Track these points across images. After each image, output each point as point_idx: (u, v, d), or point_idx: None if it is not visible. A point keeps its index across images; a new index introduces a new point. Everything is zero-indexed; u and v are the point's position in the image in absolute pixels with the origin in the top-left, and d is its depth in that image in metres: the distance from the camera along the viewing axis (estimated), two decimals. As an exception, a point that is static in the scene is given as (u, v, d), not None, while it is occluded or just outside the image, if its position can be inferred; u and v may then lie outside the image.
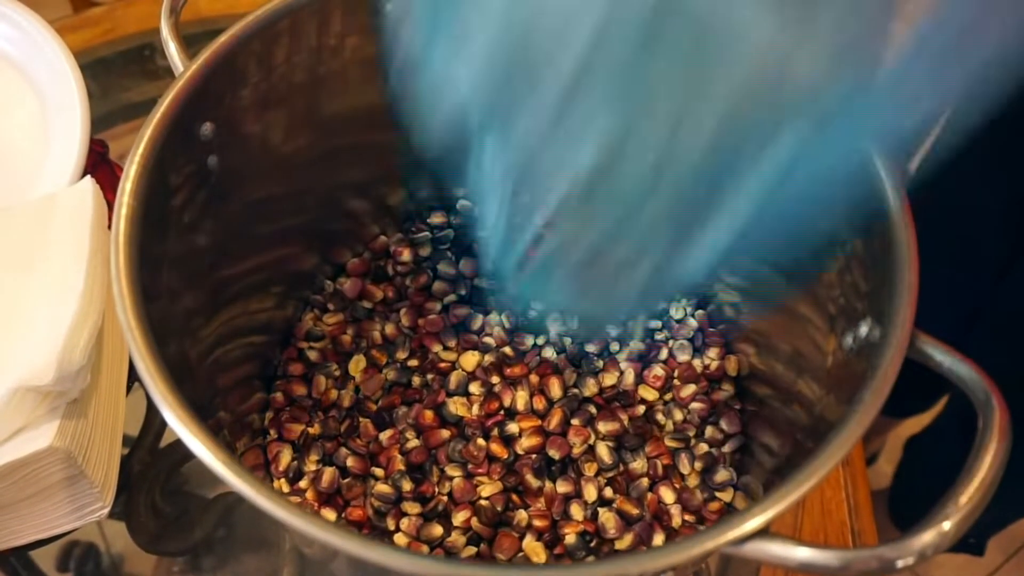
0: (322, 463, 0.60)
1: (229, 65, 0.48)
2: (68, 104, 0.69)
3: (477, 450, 0.58)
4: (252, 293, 0.59)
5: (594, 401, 0.61)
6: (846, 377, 0.46)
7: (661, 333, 0.66)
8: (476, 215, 0.67)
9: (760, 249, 0.49)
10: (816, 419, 0.48)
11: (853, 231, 0.48)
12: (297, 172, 0.58)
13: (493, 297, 0.68)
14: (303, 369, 0.64)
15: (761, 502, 0.37)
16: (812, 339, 0.55)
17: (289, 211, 0.60)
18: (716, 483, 0.60)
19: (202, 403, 0.49)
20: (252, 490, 0.36)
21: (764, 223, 0.34)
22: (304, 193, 0.61)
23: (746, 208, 0.33)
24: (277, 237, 0.61)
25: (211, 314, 0.55)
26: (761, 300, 0.61)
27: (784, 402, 0.60)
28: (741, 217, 0.34)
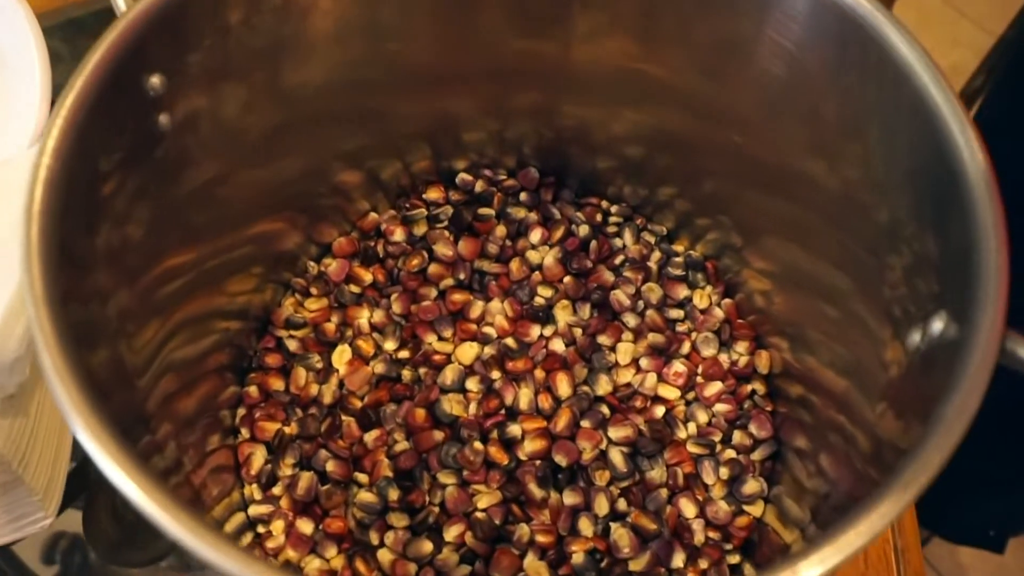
0: (299, 467, 0.55)
1: (187, 3, 0.40)
2: (28, 67, 0.63)
3: (474, 455, 0.53)
4: (226, 275, 0.54)
5: (607, 401, 0.56)
6: (913, 386, 0.38)
7: (683, 324, 0.61)
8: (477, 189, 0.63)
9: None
10: (874, 438, 0.41)
11: (919, 201, 0.40)
12: (274, 139, 0.52)
13: (495, 282, 0.62)
14: (281, 360, 0.59)
15: (821, 545, 0.29)
16: (863, 334, 0.48)
17: (265, 184, 0.54)
18: (744, 495, 0.55)
19: (143, 415, 0.42)
20: (173, 522, 0.28)
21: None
22: (284, 164, 0.55)
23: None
24: (253, 213, 0.55)
25: (169, 303, 0.49)
26: (798, 287, 0.55)
27: (827, 408, 0.53)
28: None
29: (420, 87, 0.57)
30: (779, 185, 0.52)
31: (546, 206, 0.64)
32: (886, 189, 0.45)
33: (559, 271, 0.61)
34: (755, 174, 0.54)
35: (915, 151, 0.42)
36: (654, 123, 0.57)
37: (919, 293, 0.41)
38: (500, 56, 0.56)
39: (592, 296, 0.60)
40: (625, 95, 0.57)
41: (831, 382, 0.50)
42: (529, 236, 0.62)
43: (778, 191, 0.53)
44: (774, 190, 0.53)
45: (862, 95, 0.46)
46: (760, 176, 0.53)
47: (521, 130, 0.62)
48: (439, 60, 0.55)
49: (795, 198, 0.51)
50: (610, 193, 0.66)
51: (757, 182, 0.54)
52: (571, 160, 0.64)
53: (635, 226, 0.64)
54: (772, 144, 0.51)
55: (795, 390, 0.56)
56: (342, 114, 0.58)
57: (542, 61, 0.55)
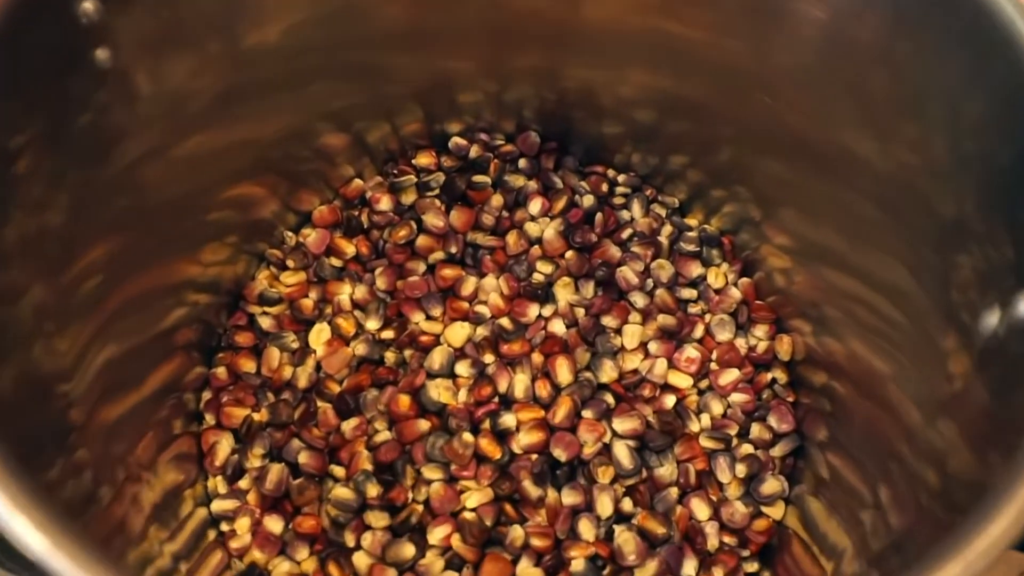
0: (269, 458, 0.51)
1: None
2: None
3: (463, 447, 0.49)
4: (197, 243, 0.52)
5: (612, 389, 0.53)
6: (985, 405, 0.33)
7: (696, 305, 0.58)
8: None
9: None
10: (932, 460, 0.36)
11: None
12: (251, 96, 0.49)
13: (490, 256, 0.58)
14: (253, 339, 0.56)
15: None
16: (909, 316, 0.42)
17: (242, 145, 0.51)
18: (763, 495, 0.52)
19: (62, 428, 0.37)
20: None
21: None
22: (262, 123, 0.52)
23: None
24: (228, 176, 0.52)
25: (110, 286, 0.43)
26: (824, 265, 0.52)
27: (860, 404, 0.48)
28: None
29: (410, 43, 0.53)
30: (808, 156, 0.49)
31: (547, 174, 0.61)
32: (949, 176, 0.39)
33: (560, 245, 0.57)
34: (779, 142, 0.51)
35: (995, 134, 0.35)
36: (668, 86, 0.54)
37: (992, 264, 0.35)
38: (500, 9, 0.52)
39: (596, 273, 0.56)
40: (638, 55, 0.53)
41: (864, 374, 0.47)
42: (528, 206, 0.59)
43: (806, 162, 0.49)
44: (801, 161, 0.50)
45: (922, 67, 0.41)
46: (785, 145, 0.50)
47: (521, 92, 0.59)
48: (430, 13, 0.52)
49: (828, 172, 0.48)
50: (617, 161, 0.62)
51: (781, 151, 0.51)
52: (575, 125, 0.60)
53: (644, 197, 0.61)
54: (805, 113, 0.47)
55: (818, 378, 0.53)
56: (326, 70, 0.53)
57: (547, 16, 0.51)
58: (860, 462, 0.47)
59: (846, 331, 0.50)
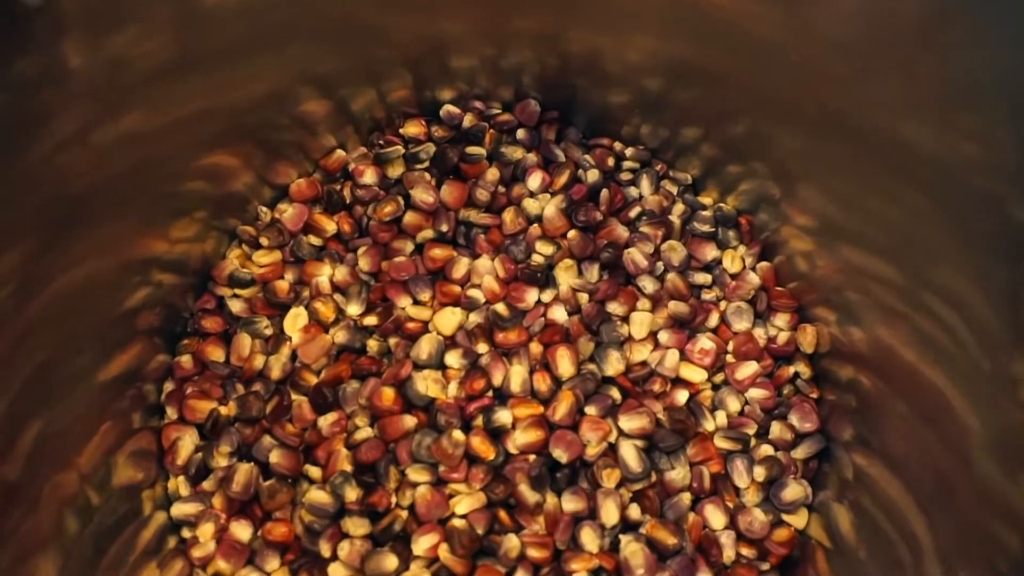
0: (236, 457, 0.48)
1: None
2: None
3: (453, 447, 0.46)
4: (165, 217, 0.49)
5: (618, 383, 0.50)
6: None
7: (711, 291, 0.55)
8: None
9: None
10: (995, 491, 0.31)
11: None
12: (218, 56, 0.46)
13: (484, 236, 0.55)
14: (222, 324, 0.53)
15: None
16: (969, 326, 0.38)
17: (215, 111, 0.48)
18: (784, 502, 0.48)
19: None
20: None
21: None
22: (239, 87, 0.49)
23: None
24: (200, 145, 0.49)
25: (80, 240, 0.40)
26: (852, 246, 0.48)
27: (897, 404, 0.44)
28: None
29: (398, 0, 0.51)
30: (839, 130, 0.46)
31: (548, 146, 0.58)
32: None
33: (562, 224, 0.54)
34: (803, 114, 0.48)
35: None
36: (681, 52, 0.51)
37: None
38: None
39: (602, 255, 0.54)
40: (649, 18, 0.50)
41: (901, 372, 0.43)
42: (527, 181, 0.56)
43: (836, 137, 0.46)
44: (830, 135, 0.47)
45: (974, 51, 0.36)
46: (809, 117, 0.47)
47: (520, 56, 0.56)
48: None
49: (864, 151, 0.44)
50: (624, 133, 0.59)
51: (805, 123, 0.48)
52: (579, 93, 0.57)
53: (654, 172, 0.58)
54: (839, 84, 0.44)
55: (844, 372, 0.50)
56: (304, 30, 0.50)
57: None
58: (895, 469, 0.44)
59: (876, 321, 0.47)
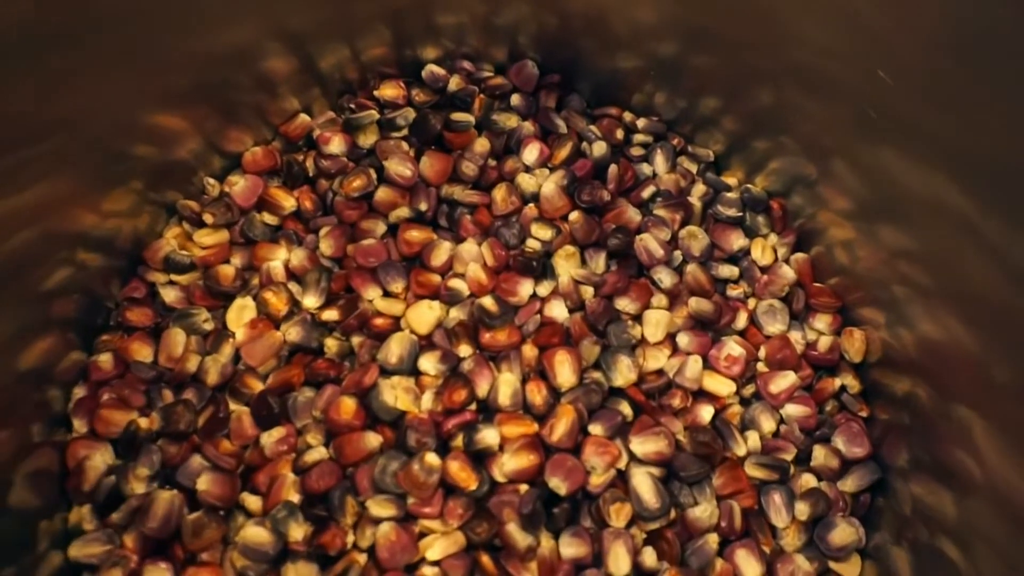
0: (157, 482, 0.44)
1: None
2: None
3: (425, 473, 0.41)
4: (92, 185, 0.45)
5: (629, 396, 0.47)
6: None
7: (737, 286, 0.53)
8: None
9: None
10: None
11: None
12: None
13: (471, 217, 0.53)
14: (151, 317, 0.49)
15: None
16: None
17: (164, 63, 0.45)
18: (833, 547, 0.45)
19: None
20: None
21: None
22: (194, 37, 0.46)
23: None
24: (142, 102, 0.46)
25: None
26: (902, 230, 0.45)
27: (960, 417, 0.39)
28: None
29: None
30: (877, 96, 0.42)
31: (547, 114, 0.55)
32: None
33: (563, 204, 0.51)
34: (838, 79, 0.44)
35: None
36: (695, 11, 0.49)
37: None
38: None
39: (609, 242, 0.51)
40: None
41: (967, 379, 0.39)
42: (522, 154, 0.53)
43: (875, 104, 0.43)
44: (867, 101, 0.43)
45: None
46: (845, 82, 0.44)
47: (516, 13, 0.53)
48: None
49: (910, 119, 0.41)
50: (636, 102, 0.57)
51: (839, 90, 0.45)
52: (583, 56, 0.55)
53: (670, 147, 0.55)
54: (879, 49, 0.41)
55: (900, 386, 0.46)
56: None
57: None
58: (965, 501, 0.39)
59: (930, 319, 0.43)
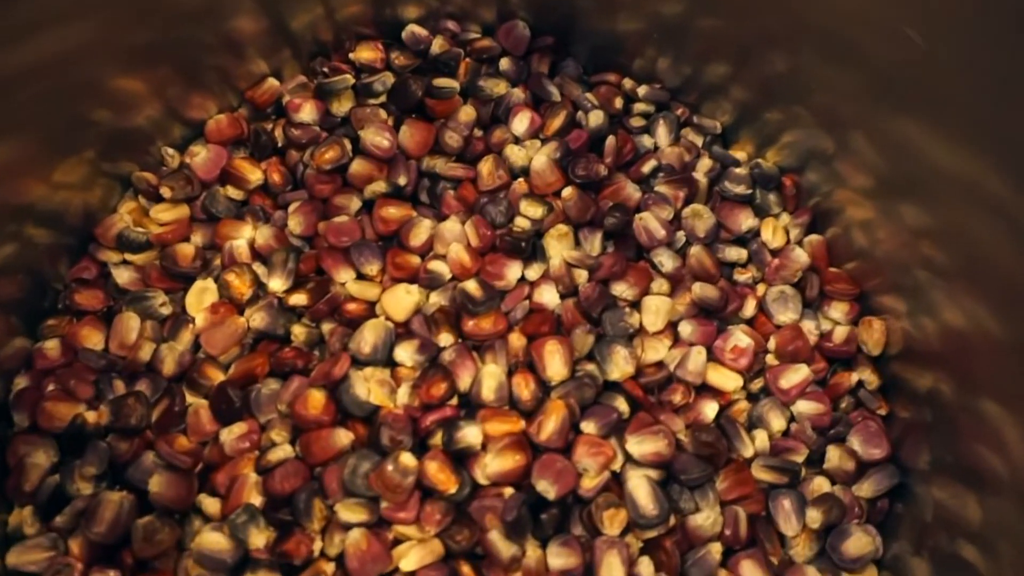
0: (105, 482, 0.41)
1: None
2: None
3: (400, 475, 0.39)
4: (43, 155, 0.43)
5: (625, 391, 0.45)
6: None
7: (746, 270, 0.51)
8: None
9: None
10: None
11: None
12: None
13: (454, 192, 0.51)
14: (103, 300, 0.47)
15: None
16: None
17: (121, 21, 0.43)
18: (847, 557, 0.43)
19: None
20: None
21: None
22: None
23: None
24: (97, 57, 0.44)
25: None
26: (911, 203, 0.43)
27: (987, 413, 0.37)
28: None
29: None
30: (898, 63, 0.40)
31: (539, 81, 0.53)
32: None
33: (556, 179, 0.50)
34: (855, 45, 0.42)
35: None
36: None
37: None
38: None
39: (606, 220, 0.49)
40: None
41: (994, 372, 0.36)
42: (511, 124, 0.52)
43: (896, 71, 0.41)
44: (887, 68, 0.41)
45: None
46: (863, 48, 0.42)
47: None
48: None
49: (933, 86, 0.39)
50: (636, 68, 0.55)
51: (856, 57, 0.43)
52: (579, 17, 0.53)
53: (673, 118, 0.54)
54: (901, 11, 0.39)
55: (923, 381, 0.44)
56: None
57: None
58: (992, 506, 0.38)
59: (955, 307, 0.41)
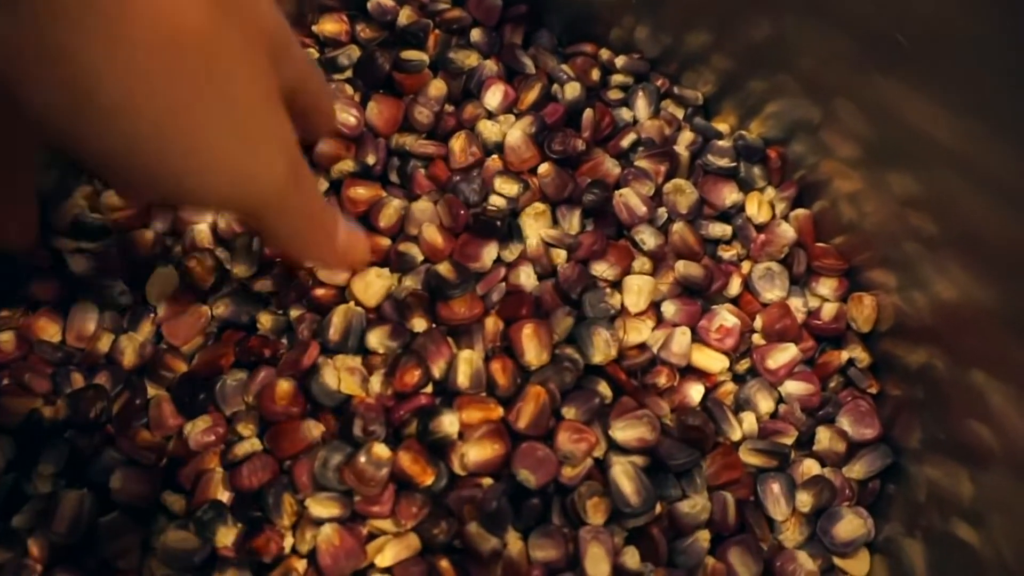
0: (64, 479, 0.41)
1: None
2: None
3: (373, 467, 0.38)
4: None
5: (608, 374, 0.44)
6: None
7: (731, 247, 0.50)
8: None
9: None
10: None
11: None
12: None
13: (425, 170, 0.49)
14: (57, 290, 0.46)
15: None
16: None
17: None
18: (838, 541, 0.43)
19: None
20: None
21: None
22: None
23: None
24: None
25: None
26: (899, 172, 0.43)
27: (979, 387, 0.37)
28: None
29: None
30: (884, 25, 0.40)
31: (512, 52, 0.52)
32: None
33: (531, 155, 0.49)
34: (841, 7, 0.42)
35: None
36: None
37: None
38: None
39: (584, 198, 0.48)
40: None
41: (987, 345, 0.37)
42: (483, 98, 0.51)
43: (882, 34, 0.40)
44: (873, 30, 0.41)
45: None
46: (849, 10, 0.42)
47: None
48: None
49: (922, 48, 0.39)
50: (614, 38, 0.54)
51: (843, 20, 0.42)
52: None
53: (653, 89, 0.53)
54: None
55: (914, 357, 0.43)
56: None
57: None
58: (986, 484, 0.37)
59: (947, 279, 0.41)
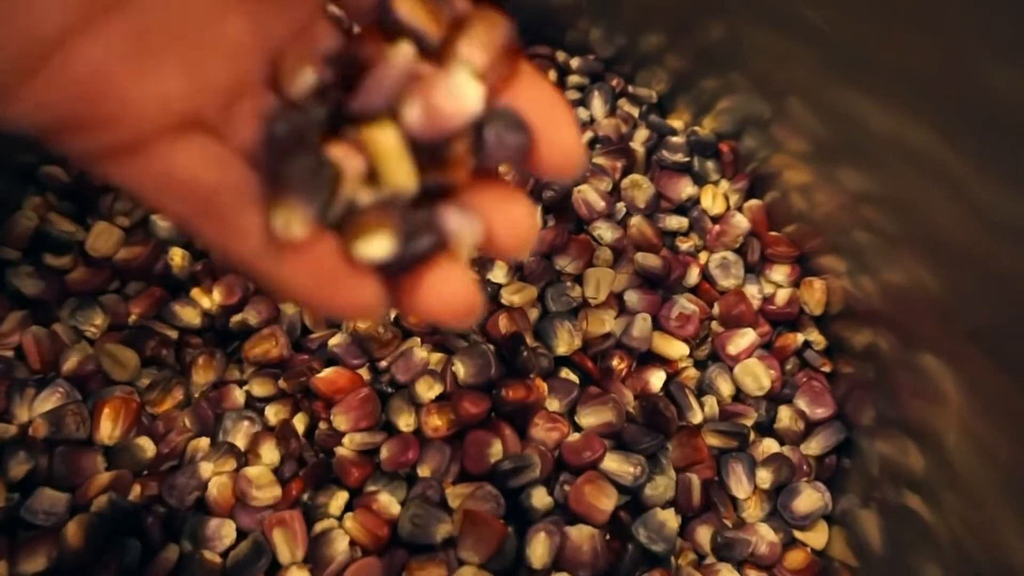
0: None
1: None
2: None
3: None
4: None
5: (572, 363, 0.44)
6: None
7: (687, 239, 0.49)
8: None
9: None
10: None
11: None
12: None
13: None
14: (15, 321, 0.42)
15: None
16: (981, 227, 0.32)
17: None
18: (797, 515, 0.42)
19: None
20: None
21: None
22: None
23: None
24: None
25: None
26: (847, 166, 0.43)
27: (923, 366, 0.37)
28: None
29: None
30: (829, 28, 0.41)
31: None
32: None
33: None
34: (788, 10, 0.42)
35: None
36: None
37: None
38: None
39: (544, 194, 0.48)
40: None
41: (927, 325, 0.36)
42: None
43: (827, 36, 0.41)
44: (819, 33, 0.41)
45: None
46: (796, 13, 0.42)
47: None
48: None
49: (864, 51, 0.39)
50: (570, 40, 0.55)
51: (789, 22, 0.43)
52: None
53: (608, 89, 0.53)
54: None
55: (862, 337, 0.44)
56: None
57: None
58: (935, 456, 0.37)
59: (891, 264, 0.41)
